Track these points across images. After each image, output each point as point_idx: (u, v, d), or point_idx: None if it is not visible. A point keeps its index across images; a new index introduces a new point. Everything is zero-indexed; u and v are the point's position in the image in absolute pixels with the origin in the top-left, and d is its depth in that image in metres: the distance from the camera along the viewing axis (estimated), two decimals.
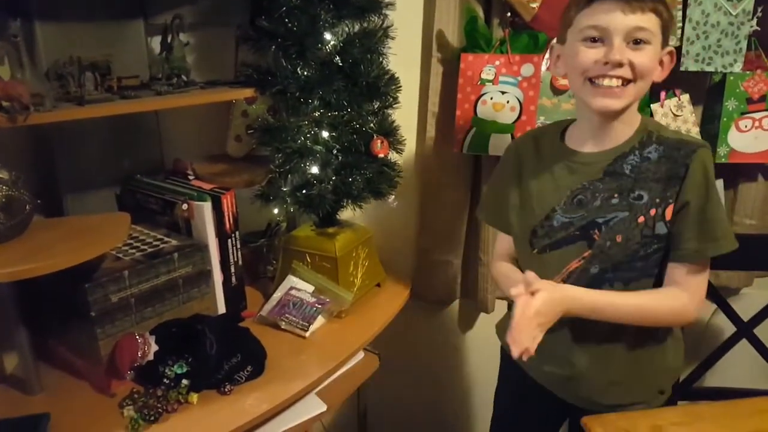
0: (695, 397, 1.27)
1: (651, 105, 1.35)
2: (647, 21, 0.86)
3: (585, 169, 0.95)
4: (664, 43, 0.90)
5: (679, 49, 1.26)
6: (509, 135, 1.33)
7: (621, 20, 0.85)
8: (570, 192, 0.95)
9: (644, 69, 0.88)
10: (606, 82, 0.88)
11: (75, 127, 1.16)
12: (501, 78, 1.33)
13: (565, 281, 0.95)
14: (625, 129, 0.94)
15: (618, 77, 0.88)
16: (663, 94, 1.35)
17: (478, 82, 1.33)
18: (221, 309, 1.21)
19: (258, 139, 1.15)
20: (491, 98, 1.33)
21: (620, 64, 0.86)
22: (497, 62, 1.32)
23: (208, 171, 1.33)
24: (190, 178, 1.29)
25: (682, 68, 1.27)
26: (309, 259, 1.28)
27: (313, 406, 1.10)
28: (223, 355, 1.03)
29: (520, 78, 1.32)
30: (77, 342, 1.04)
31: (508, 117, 1.33)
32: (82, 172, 1.20)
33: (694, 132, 1.35)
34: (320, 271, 1.26)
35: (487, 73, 1.33)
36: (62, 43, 1.07)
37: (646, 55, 0.87)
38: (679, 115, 1.35)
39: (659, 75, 0.92)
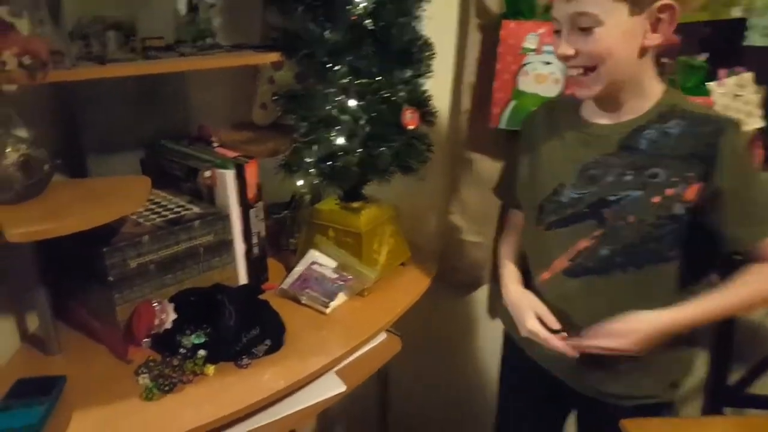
0: (745, 404, 1.21)
1: (708, 83, 1.28)
2: (589, 3, 0.81)
3: (599, 142, 0.92)
4: (636, 8, 0.82)
5: (742, 21, 1.19)
6: None
7: (563, 8, 0.84)
8: (582, 166, 0.92)
9: (596, 55, 0.84)
10: (569, 72, 0.88)
11: (100, 89, 1.18)
12: (545, 47, 1.28)
13: (572, 261, 0.93)
14: (639, 102, 0.90)
15: (576, 67, 0.86)
16: (723, 72, 1.28)
17: (520, 52, 1.29)
18: (242, 280, 1.22)
19: (283, 106, 1.15)
20: (534, 69, 1.29)
21: (566, 57, 0.86)
22: (541, 30, 1.27)
23: (233, 138, 1.33)
24: (214, 145, 1.29)
25: (745, 43, 1.20)
26: (332, 234, 1.27)
27: (332, 386, 1.10)
28: (242, 326, 1.04)
29: None
30: (96, 306, 1.07)
31: (551, 90, 1.29)
32: (107, 134, 1.22)
33: (757, 115, 1.28)
34: (343, 247, 1.25)
35: (530, 42, 1.29)
36: (87, 2, 1.08)
37: (594, 41, 0.83)
38: (740, 96, 1.28)
39: (656, 38, 0.85)
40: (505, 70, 1.31)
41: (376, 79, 1.12)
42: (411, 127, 1.15)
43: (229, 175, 1.16)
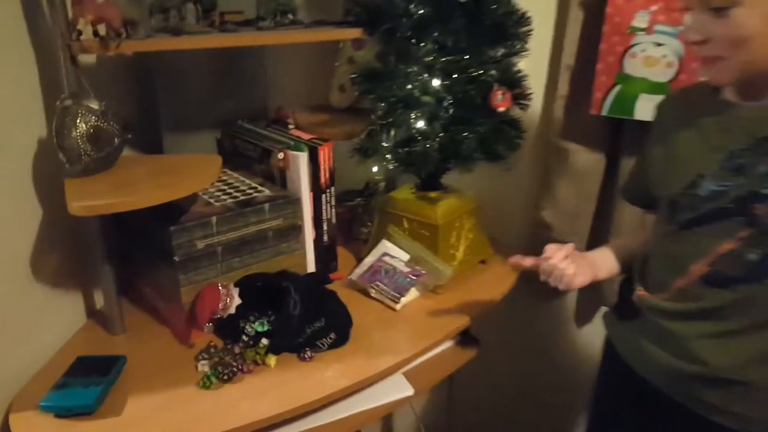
0: None
1: None
2: None
3: (747, 126, 0.78)
4: None
5: None
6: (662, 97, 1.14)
7: None
8: (727, 154, 0.79)
9: (732, 42, 0.71)
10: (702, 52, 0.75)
11: (179, 65, 1.18)
12: (656, 27, 1.14)
13: (711, 267, 0.79)
14: None
15: (708, 56, 0.74)
16: None
17: (628, 31, 1.16)
18: (310, 267, 1.18)
19: (360, 85, 1.08)
20: (643, 51, 1.15)
21: (695, 43, 0.73)
22: (653, 8, 1.13)
23: (309, 121, 1.29)
24: (290, 127, 1.26)
25: None
26: (406, 225, 1.20)
27: (400, 388, 1.04)
28: (307, 317, 0.99)
29: (681, 28, 1.12)
30: (161, 286, 1.06)
31: (662, 74, 1.15)
32: (185, 112, 1.21)
33: None
34: (418, 239, 1.18)
35: (640, 21, 1.15)
36: None
37: (730, 26, 0.70)
38: None
39: None
40: (610, 52, 1.18)
41: (465, 56, 1.03)
42: (501, 109, 1.05)
43: (302, 158, 1.11)
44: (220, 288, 1.00)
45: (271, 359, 0.96)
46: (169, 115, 1.20)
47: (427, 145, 1.06)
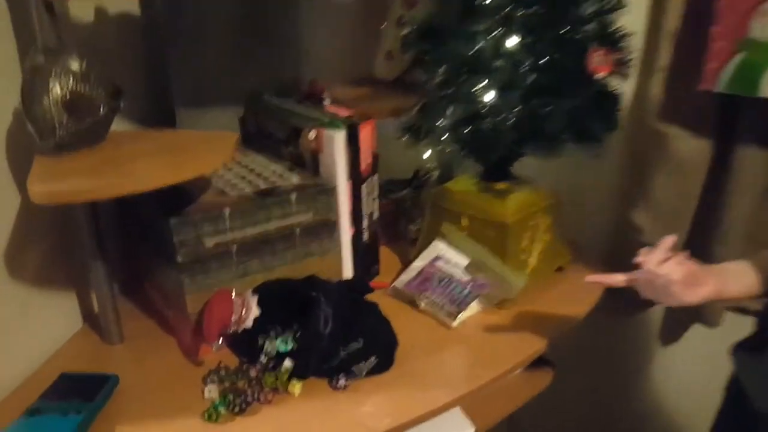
0: None
1: None
2: None
3: None
4: None
5: None
6: None
7: None
8: None
9: None
10: None
11: (195, 28, 1.01)
12: None
13: None
14: None
15: None
16: None
17: None
18: (347, 273, 0.99)
19: (413, 46, 0.88)
20: None
21: None
22: None
23: (348, 95, 1.11)
24: (325, 102, 1.07)
25: None
26: (466, 223, 1.00)
27: (456, 425, 0.84)
28: (341, 336, 0.80)
29: None
30: (166, 290, 0.89)
31: None
32: (201, 83, 1.06)
33: None
34: (481, 241, 0.98)
35: None
36: None
37: None
38: None
39: None
40: (732, 10, 0.95)
41: (550, 8, 0.81)
42: (601, 74, 0.83)
43: (339, 138, 0.92)
44: (233, 296, 0.82)
45: (296, 387, 0.78)
46: (182, 88, 1.04)
47: (498, 122, 0.85)
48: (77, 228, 0.77)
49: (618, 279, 0.75)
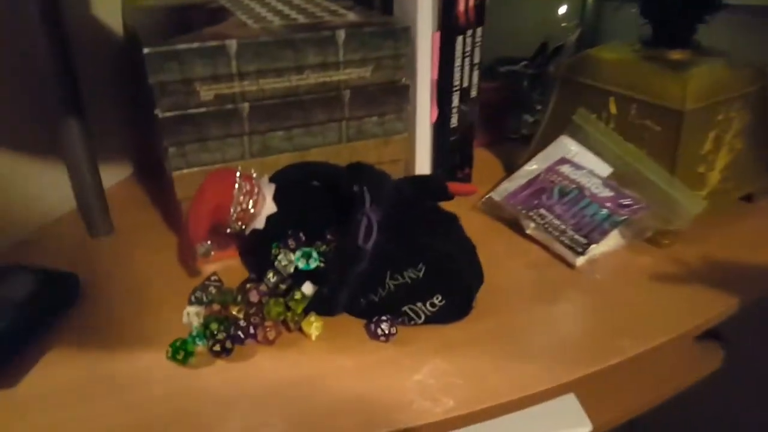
0: None
1: None
2: None
3: None
4: None
5: None
6: None
7: None
8: None
9: None
10: None
11: None
12: None
13: None
14: None
15: None
16: None
17: None
18: (421, 167, 0.70)
19: None
20: None
21: None
22: None
23: None
24: None
25: None
26: (614, 110, 0.66)
27: (567, 420, 0.55)
28: (392, 257, 0.52)
29: None
30: (160, 165, 0.65)
31: None
32: None
33: None
34: (635, 139, 0.64)
35: None
36: None
37: None
38: None
39: None
40: None
41: None
42: None
43: None
44: (238, 178, 0.55)
45: (313, 325, 0.52)
46: None
47: None
48: (40, 66, 0.54)
49: None
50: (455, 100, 0.71)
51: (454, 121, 0.71)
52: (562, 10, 0.68)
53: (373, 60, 0.60)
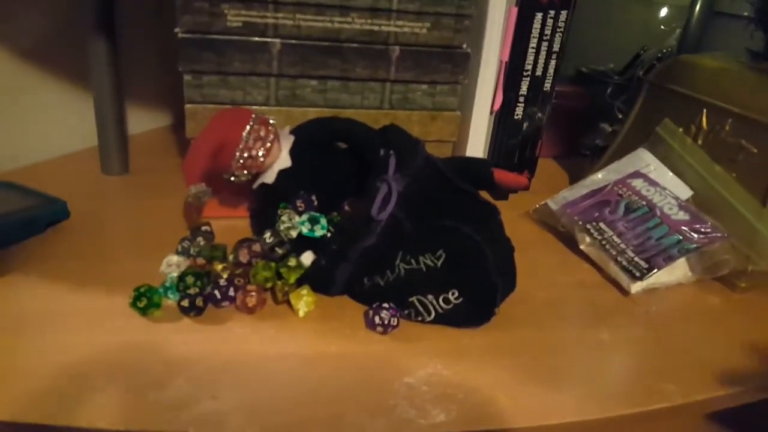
0: None
1: None
2: None
3: None
4: None
5: None
6: None
7: None
8: None
9: None
10: None
11: None
12: None
13: None
14: None
15: None
16: None
17: None
18: (474, 149, 0.62)
19: None
20: None
21: None
22: None
23: None
24: None
25: None
26: (707, 125, 0.57)
27: None
28: (406, 237, 0.44)
29: None
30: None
31: None
32: None
33: None
34: (724, 160, 0.54)
35: None
36: None
37: None
38: None
39: None
40: None
41: None
42: None
43: None
44: (252, 121, 0.49)
45: (302, 300, 0.45)
46: None
47: None
48: None
49: None
50: (524, 87, 0.63)
51: (519, 112, 0.63)
52: (663, 12, 0.59)
53: (431, 15, 0.53)
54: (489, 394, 0.39)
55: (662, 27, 0.77)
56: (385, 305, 0.45)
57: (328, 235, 0.48)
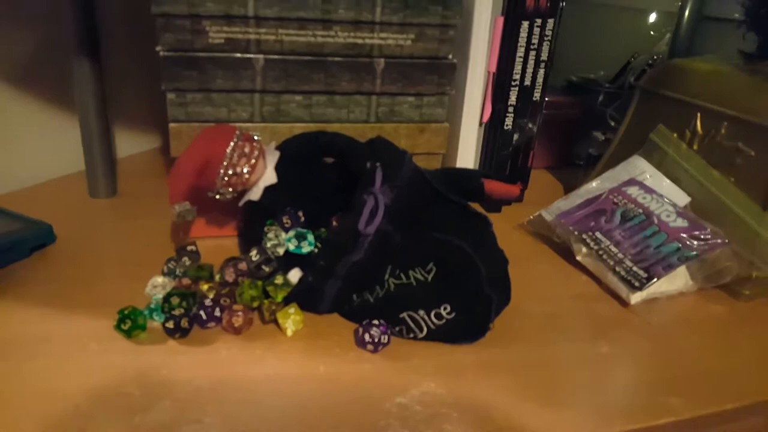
0: None
1: None
2: None
3: None
4: None
5: None
6: None
7: None
8: None
9: None
10: None
11: None
12: None
13: None
14: None
15: None
16: None
17: None
18: (464, 160, 0.61)
19: None
20: None
21: None
22: None
23: None
24: None
25: None
26: (702, 129, 0.56)
27: None
28: (395, 251, 0.43)
29: None
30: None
31: None
32: None
33: None
34: (721, 165, 0.53)
35: None
36: None
37: None
38: None
39: None
40: None
41: None
42: None
43: None
44: (236, 137, 0.48)
45: (290, 319, 0.44)
46: None
47: None
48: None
49: None
50: (512, 98, 0.62)
51: (509, 123, 0.62)
52: (652, 18, 0.59)
53: (415, 26, 0.53)
54: (485, 414, 0.37)
55: (652, 33, 0.77)
56: (376, 322, 0.43)
57: (316, 251, 0.47)
